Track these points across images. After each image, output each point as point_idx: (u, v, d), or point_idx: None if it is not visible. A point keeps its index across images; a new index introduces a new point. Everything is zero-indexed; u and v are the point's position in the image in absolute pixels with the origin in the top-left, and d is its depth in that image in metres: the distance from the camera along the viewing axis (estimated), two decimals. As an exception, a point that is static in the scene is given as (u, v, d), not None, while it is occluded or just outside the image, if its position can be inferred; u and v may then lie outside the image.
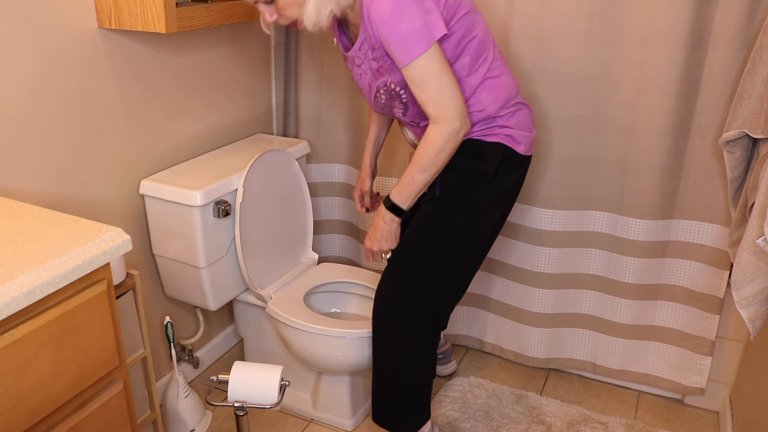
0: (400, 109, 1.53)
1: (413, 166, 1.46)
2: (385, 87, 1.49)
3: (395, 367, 1.67)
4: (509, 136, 1.53)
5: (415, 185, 1.48)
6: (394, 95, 1.50)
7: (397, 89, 1.48)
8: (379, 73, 1.48)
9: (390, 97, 1.51)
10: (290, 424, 1.95)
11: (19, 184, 1.47)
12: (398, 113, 1.55)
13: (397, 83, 1.47)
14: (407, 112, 1.53)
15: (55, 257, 1.02)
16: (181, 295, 1.85)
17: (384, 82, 1.49)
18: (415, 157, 1.45)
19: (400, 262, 1.60)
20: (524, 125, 1.56)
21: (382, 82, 1.49)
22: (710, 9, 1.64)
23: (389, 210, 1.52)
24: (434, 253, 1.56)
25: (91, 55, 1.57)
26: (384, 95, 1.51)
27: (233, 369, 1.48)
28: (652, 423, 1.98)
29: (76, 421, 1.10)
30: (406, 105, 1.51)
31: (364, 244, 1.70)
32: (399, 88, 1.48)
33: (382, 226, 1.55)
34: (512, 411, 2.00)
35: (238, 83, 2.08)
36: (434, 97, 1.39)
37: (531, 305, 2.08)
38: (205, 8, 1.62)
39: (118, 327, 1.16)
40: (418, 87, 1.39)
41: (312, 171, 2.30)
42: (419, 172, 1.46)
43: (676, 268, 1.91)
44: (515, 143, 1.54)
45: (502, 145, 1.53)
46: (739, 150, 1.61)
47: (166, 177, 1.76)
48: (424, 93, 1.39)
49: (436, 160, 1.44)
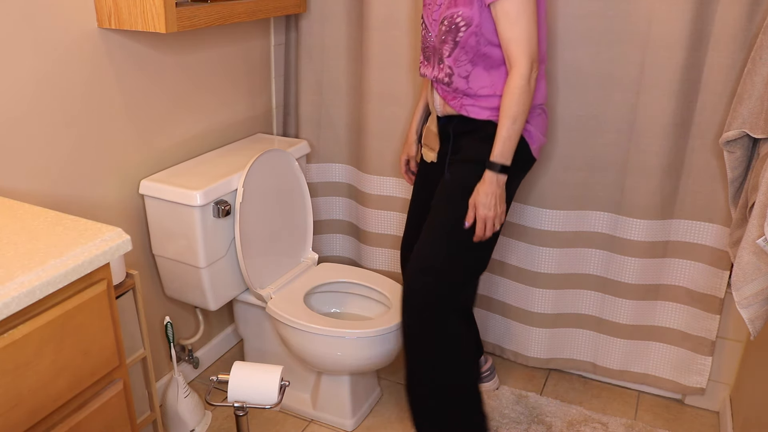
0: (449, 45, 1.55)
1: (503, 119, 1.50)
2: (450, 18, 1.52)
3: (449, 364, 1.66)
4: (527, 131, 1.60)
5: (510, 139, 1.51)
6: (452, 29, 1.53)
7: (460, 23, 1.51)
8: (453, 4, 1.52)
9: (448, 30, 1.54)
10: (290, 424, 1.95)
11: (20, 184, 1.47)
12: (445, 50, 1.57)
13: (463, 17, 1.50)
14: (452, 52, 1.56)
15: (55, 257, 1.02)
16: (181, 295, 1.85)
17: (452, 14, 1.52)
18: (503, 109, 1.50)
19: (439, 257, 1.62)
20: (541, 128, 1.64)
21: (451, 13, 1.52)
22: (710, 9, 1.64)
23: (500, 173, 1.53)
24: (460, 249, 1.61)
25: (90, 55, 1.57)
26: (446, 26, 1.54)
27: (233, 369, 1.48)
28: (653, 423, 1.98)
29: (76, 421, 1.10)
30: (456, 44, 1.54)
31: (476, 215, 1.57)
32: (462, 23, 1.51)
33: (494, 190, 1.54)
34: (512, 411, 2.00)
35: (238, 83, 2.08)
36: (520, 36, 1.45)
37: (531, 305, 2.08)
38: (205, 8, 1.62)
39: (117, 327, 1.16)
40: (510, 23, 1.45)
41: (312, 171, 2.30)
42: (511, 122, 1.50)
43: (676, 268, 1.91)
44: (530, 139, 1.60)
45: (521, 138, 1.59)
46: (740, 150, 1.61)
47: (166, 177, 1.76)
48: (513, 29, 1.45)
49: (522, 105, 1.49)
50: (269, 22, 2.17)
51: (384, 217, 2.23)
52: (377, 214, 2.23)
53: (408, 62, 2.01)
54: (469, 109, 1.60)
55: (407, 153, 1.91)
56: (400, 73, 2.03)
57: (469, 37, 1.52)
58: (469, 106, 1.60)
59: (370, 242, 2.27)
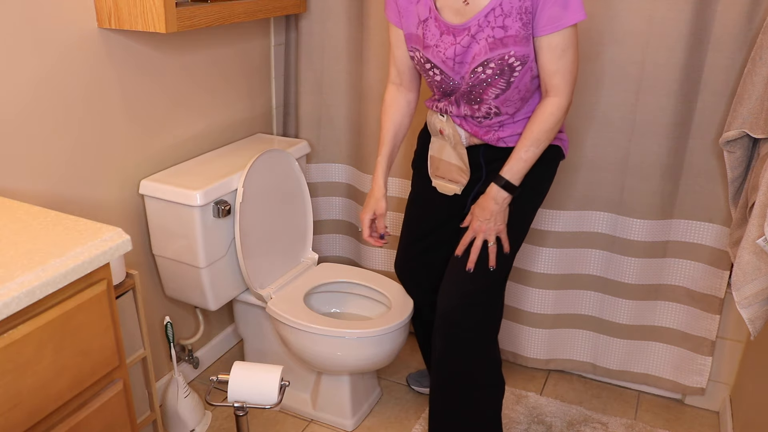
0: (499, 87, 1.44)
1: (527, 141, 1.46)
2: (500, 60, 1.40)
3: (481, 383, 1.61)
4: (562, 140, 1.61)
5: (527, 162, 1.48)
6: (506, 70, 1.41)
7: (514, 63, 1.40)
8: (501, 44, 1.39)
9: (499, 72, 1.42)
10: (290, 424, 1.95)
11: (19, 184, 1.47)
12: (492, 93, 1.46)
13: (518, 57, 1.40)
14: (504, 92, 1.46)
15: (55, 257, 1.02)
16: (181, 295, 1.85)
17: (501, 54, 1.39)
18: (529, 132, 1.45)
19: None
20: (564, 128, 1.63)
21: (500, 54, 1.39)
22: (710, 9, 1.64)
23: (503, 188, 1.49)
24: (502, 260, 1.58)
25: (91, 55, 1.57)
26: (492, 68, 1.41)
27: (233, 369, 1.48)
28: (653, 423, 1.98)
29: (75, 421, 1.10)
30: (508, 84, 1.44)
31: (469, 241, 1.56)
32: (517, 63, 1.41)
33: (492, 207, 1.50)
34: (512, 411, 2.00)
35: (238, 83, 2.08)
36: (566, 69, 1.41)
37: (531, 306, 2.08)
38: (205, 8, 1.62)
39: (117, 327, 1.16)
40: (557, 56, 1.39)
41: (312, 171, 2.30)
42: (534, 146, 1.46)
43: (676, 268, 1.91)
44: (565, 146, 1.62)
45: (557, 148, 1.59)
46: (740, 150, 1.61)
47: (166, 177, 1.76)
48: (559, 62, 1.40)
49: (550, 134, 1.46)
50: (269, 22, 2.17)
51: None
52: (377, 214, 2.22)
53: (408, 62, 2.01)
54: (507, 140, 1.55)
55: (374, 210, 1.67)
56: (400, 73, 2.03)
57: (524, 75, 1.43)
58: (507, 137, 1.55)
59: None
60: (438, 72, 1.48)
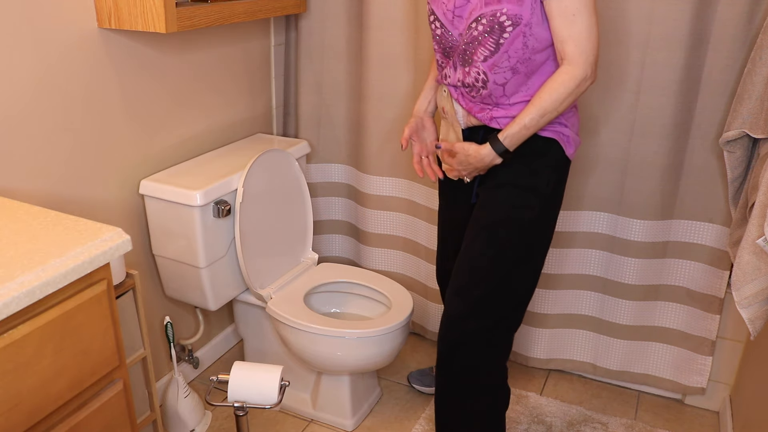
0: (487, 49, 1.39)
1: (533, 109, 1.37)
2: (492, 16, 1.35)
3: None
4: (566, 136, 1.48)
5: (529, 130, 1.39)
6: (495, 29, 1.36)
7: (505, 23, 1.35)
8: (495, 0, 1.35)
9: (489, 30, 1.37)
10: (290, 424, 1.95)
11: (19, 184, 1.47)
12: (480, 53, 1.41)
13: (510, 16, 1.34)
14: (491, 57, 1.39)
15: (55, 257, 1.02)
16: (181, 295, 1.85)
17: (494, 11, 1.35)
18: (538, 100, 1.37)
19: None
20: (575, 128, 1.52)
21: (492, 10, 1.35)
22: (710, 9, 1.64)
23: (494, 151, 1.43)
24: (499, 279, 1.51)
25: (91, 55, 1.57)
26: (483, 25, 1.37)
27: (233, 369, 1.48)
28: (653, 423, 1.98)
29: (75, 421, 1.10)
30: (498, 46, 1.38)
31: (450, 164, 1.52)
32: (508, 23, 1.35)
33: (475, 162, 1.46)
34: (512, 411, 2.00)
35: (238, 83, 2.08)
36: (579, 35, 1.32)
37: (531, 305, 2.08)
38: (205, 8, 1.62)
39: (117, 327, 1.16)
40: (567, 20, 1.31)
41: (312, 171, 2.30)
42: (539, 115, 1.37)
43: (676, 268, 1.91)
44: (567, 144, 1.48)
45: (556, 143, 1.47)
46: (740, 150, 1.61)
47: (166, 177, 1.76)
48: (570, 28, 1.31)
49: (560, 105, 1.36)
50: (269, 22, 2.17)
51: (384, 218, 2.23)
52: (377, 215, 2.23)
53: (408, 62, 2.01)
54: (501, 121, 1.45)
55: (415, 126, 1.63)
56: (400, 74, 2.03)
57: (515, 38, 1.36)
58: (501, 118, 1.45)
59: (369, 242, 2.27)
60: (439, 26, 1.47)
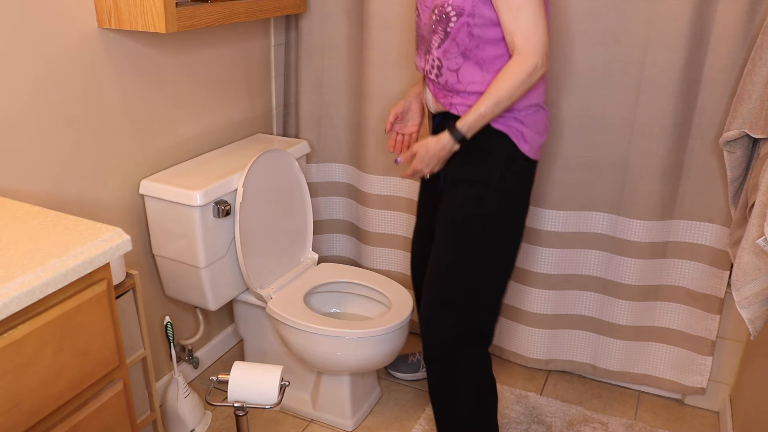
0: (439, 36, 1.49)
1: (488, 97, 1.43)
2: (441, 6, 1.45)
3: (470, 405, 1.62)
4: (519, 132, 1.51)
5: (485, 117, 1.45)
6: (443, 18, 1.46)
7: (450, 13, 1.44)
8: None
9: (439, 19, 1.47)
10: (290, 424, 1.95)
11: (19, 184, 1.47)
12: (435, 41, 1.50)
13: (455, 7, 1.43)
14: (442, 44, 1.49)
15: (55, 257, 1.02)
16: (181, 295, 1.85)
17: (443, 3, 1.44)
18: (492, 89, 1.43)
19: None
20: (538, 127, 1.54)
21: (441, 1, 1.45)
22: (710, 9, 1.64)
23: (452, 137, 1.49)
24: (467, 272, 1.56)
25: (90, 55, 1.57)
26: (436, 15, 1.47)
27: (233, 369, 1.48)
28: (653, 423, 1.98)
29: (75, 421, 1.10)
30: (446, 35, 1.47)
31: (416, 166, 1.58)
32: (453, 14, 1.44)
33: (436, 151, 1.51)
34: (512, 411, 2.00)
35: (238, 83, 2.08)
36: (525, 28, 1.38)
37: (531, 306, 2.08)
38: (205, 8, 1.62)
39: (117, 327, 1.16)
40: (512, 14, 1.38)
41: (312, 171, 2.30)
42: (493, 104, 1.43)
43: (676, 268, 1.91)
44: (521, 141, 1.51)
45: (507, 139, 1.50)
46: (740, 150, 1.61)
47: (166, 177, 1.76)
48: (515, 22, 1.38)
49: (513, 94, 1.42)
50: (269, 22, 2.17)
51: (384, 217, 2.23)
52: (377, 214, 2.23)
53: (408, 62, 2.01)
54: (459, 108, 1.52)
55: (401, 108, 1.72)
56: (401, 73, 2.03)
57: (460, 28, 1.44)
58: (459, 105, 1.52)
59: (370, 242, 2.27)
60: (417, 14, 1.57)
